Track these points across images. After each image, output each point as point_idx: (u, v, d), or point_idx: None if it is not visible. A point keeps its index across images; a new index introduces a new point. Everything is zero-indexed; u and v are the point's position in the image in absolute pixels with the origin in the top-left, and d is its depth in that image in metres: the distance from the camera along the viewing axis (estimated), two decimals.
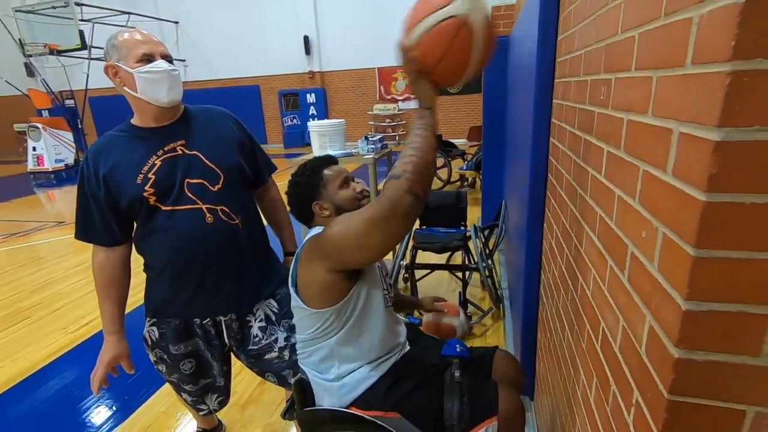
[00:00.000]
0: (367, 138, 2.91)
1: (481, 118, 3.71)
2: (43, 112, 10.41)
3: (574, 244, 1.04)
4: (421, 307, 1.66)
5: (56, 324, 2.96)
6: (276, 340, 1.44)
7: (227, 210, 1.29)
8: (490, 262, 2.68)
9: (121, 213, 1.26)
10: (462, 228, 2.98)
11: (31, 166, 9.80)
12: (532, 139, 1.53)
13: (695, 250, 0.45)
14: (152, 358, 1.42)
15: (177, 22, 12.35)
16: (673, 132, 0.51)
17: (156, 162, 1.23)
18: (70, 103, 10.66)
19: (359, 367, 1.14)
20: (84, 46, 9.46)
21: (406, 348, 1.26)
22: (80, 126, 10.73)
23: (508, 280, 2.91)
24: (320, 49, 11.71)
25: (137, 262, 1.36)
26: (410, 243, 2.80)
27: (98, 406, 2.12)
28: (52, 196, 8.02)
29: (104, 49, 1.23)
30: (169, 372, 1.43)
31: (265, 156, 1.51)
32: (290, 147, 11.96)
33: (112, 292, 1.32)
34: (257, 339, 1.42)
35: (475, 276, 3.07)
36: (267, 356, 1.44)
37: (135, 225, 1.31)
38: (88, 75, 9.62)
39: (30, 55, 9.86)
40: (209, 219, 1.26)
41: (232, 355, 1.51)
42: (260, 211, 1.50)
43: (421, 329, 1.60)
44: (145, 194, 1.21)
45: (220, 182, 1.28)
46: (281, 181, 1.25)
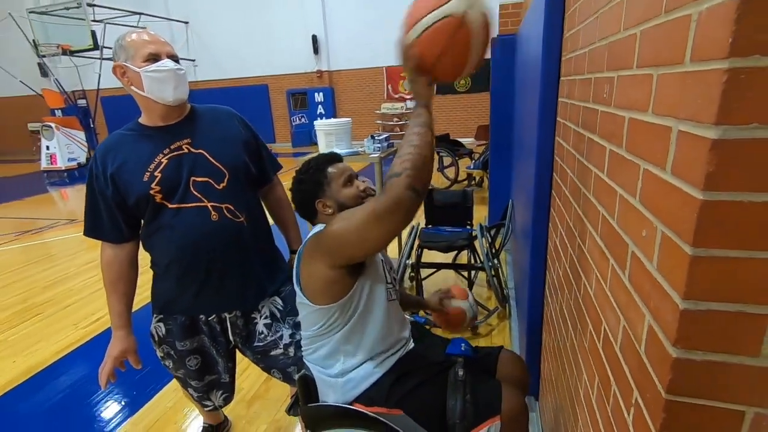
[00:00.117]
0: (373, 137, 2.91)
1: (489, 117, 3.70)
2: (56, 111, 10.61)
3: (577, 244, 1.04)
4: (427, 306, 1.65)
5: (67, 320, 3.01)
6: (281, 337, 1.45)
7: (232, 208, 1.30)
8: (496, 261, 2.67)
9: (128, 210, 1.28)
10: (468, 227, 2.97)
11: (44, 164, 10.00)
12: (538, 138, 1.52)
13: (693, 249, 0.45)
14: (159, 354, 1.44)
15: (187, 23, 12.45)
16: (672, 130, 0.51)
17: (162, 160, 1.24)
18: (82, 102, 10.82)
19: (363, 363, 1.15)
20: (96, 47, 9.59)
21: (411, 345, 1.26)
22: (92, 125, 10.90)
23: (515, 280, 2.89)
24: (328, 48, 11.74)
25: (146, 260, 1.38)
26: (416, 242, 2.80)
27: (108, 401, 2.15)
28: (65, 194, 8.14)
29: (113, 49, 1.25)
30: (176, 368, 1.45)
31: (271, 155, 1.52)
32: (298, 146, 12.01)
33: (120, 288, 1.34)
34: (262, 336, 1.44)
35: (482, 275, 3.06)
36: (272, 353, 1.46)
37: (142, 222, 1.33)
38: (100, 75, 9.76)
39: (44, 56, 10.03)
40: (214, 217, 1.27)
41: (238, 353, 1.53)
42: (266, 210, 1.52)
43: (431, 318, 1.61)
44: (151, 192, 1.22)
45: (225, 180, 1.29)
46: (288, 180, 1.26)
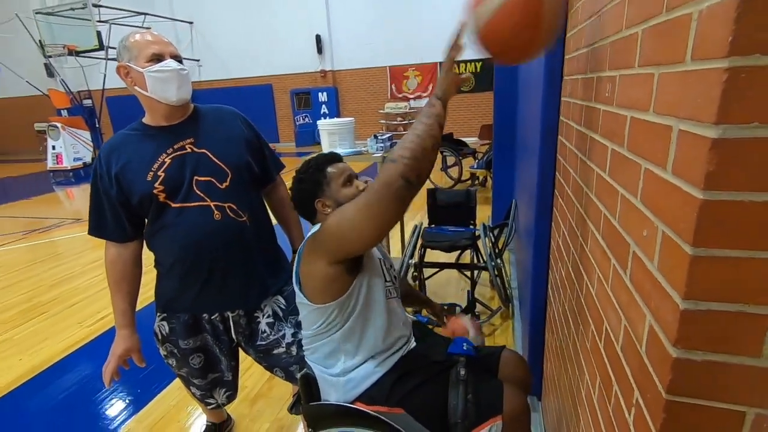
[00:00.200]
0: (376, 136, 2.91)
1: (492, 116, 3.68)
2: (62, 111, 10.70)
3: (579, 243, 1.04)
4: (432, 309, 1.61)
5: (73, 318, 3.03)
6: (283, 336, 1.45)
7: (235, 207, 1.31)
8: (499, 261, 2.66)
9: (132, 210, 1.28)
10: (471, 227, 2.97)
11: (50, 164, 10.10)
12: (541, 137, 1.52)
13: (693, 248, 0.45)
14: (163, 352, 1.45)
15: (191, 23, 12.51)
16: (672, 129, 0.50)
17: (166, 160, 1.25)
18: (87, 102, 10.90)
19: (364, 362, 1.15)
20: (101, 47, 9.65)
21: (412, 344, 1.26)
22: (98, 125, 10.98)
23: (518, 280, 2.89)
24: (332, 48, 11.75)
25: (149, 259, 1.39)
26: (419, 241, 2.80)
27: (112, 398, 2.17)
28: (71, 193, 8.20)
29: (116, 50, 1.26)
30: (179, 366, 1.45)
31: (273, 154, 1.52)
32: (302, 146, 12.05)
33: (124, 286, 1.35)
34: (265, 335, 1.44)
35: (485, 275, 3.05)
36: (275, 351, 1.46)
37: (146, 222, 1.34)
38: (105, 75, 9.81)
39: (50, 56, 10.12)
40: (217, 216, 1.28)
41: (242, 351, 1.54)
42: (269, 209, 1.52)
43: (433, 317, 1.58)
44: (154, 191, 1.23)
45: (228, 180, 1.30)
46: (291, 179, 1.27)
